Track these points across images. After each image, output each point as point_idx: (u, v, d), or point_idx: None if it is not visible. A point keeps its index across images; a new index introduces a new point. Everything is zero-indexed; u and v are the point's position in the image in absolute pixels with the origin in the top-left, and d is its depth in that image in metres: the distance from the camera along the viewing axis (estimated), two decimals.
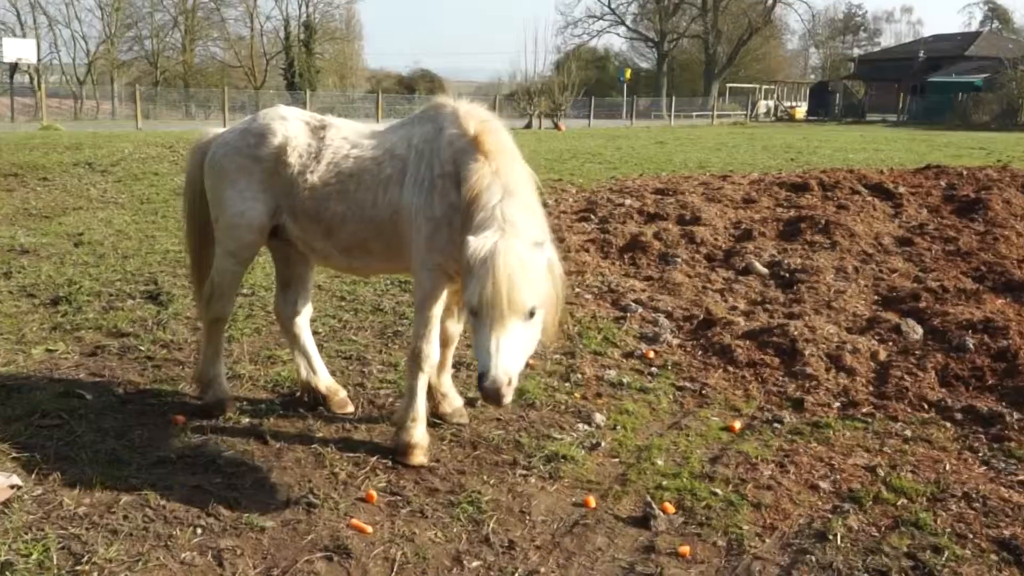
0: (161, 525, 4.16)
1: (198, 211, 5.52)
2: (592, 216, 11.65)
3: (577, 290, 8.46)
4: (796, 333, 6.91)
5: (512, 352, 3.85)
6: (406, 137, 4.89)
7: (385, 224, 4.82)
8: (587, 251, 9.80)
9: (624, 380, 6.30)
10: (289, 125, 5.17)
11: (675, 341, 7.15)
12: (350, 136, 5.12)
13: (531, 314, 3.95)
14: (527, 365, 5.58)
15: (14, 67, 40.81)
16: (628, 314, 7.71)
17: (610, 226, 10.78)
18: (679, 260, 9.45)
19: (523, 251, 3.98)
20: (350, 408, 5.66)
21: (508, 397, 3.78)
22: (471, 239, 4.08)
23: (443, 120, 4.76)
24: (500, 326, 3.88)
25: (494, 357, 3.80)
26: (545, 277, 4.08)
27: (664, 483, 4.80)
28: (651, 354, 6.83)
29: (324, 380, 5.69)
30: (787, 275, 8.83)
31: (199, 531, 4.13)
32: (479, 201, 4.31)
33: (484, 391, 3.78)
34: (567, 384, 6.23)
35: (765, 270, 9.05)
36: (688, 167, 19.04)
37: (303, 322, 5.71)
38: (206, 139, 5.54)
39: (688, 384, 6.30)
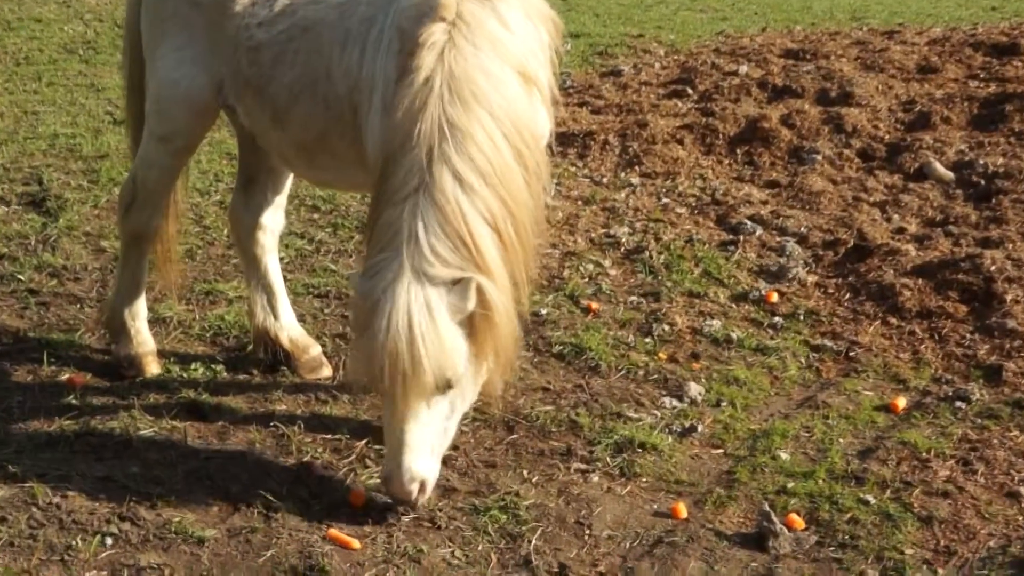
0: (55, 532, 4.27)
1: (142, 68, 5.54)
2: (689, 91, 11.52)
3: (665, 200, 8.45)
4: (994, 269, 6.86)
5: (423, 446, 4.28)
6: None
7: (344, 108, 4.78)
8: (680, 143, 9.73)
9: (733, 335, 6.32)
10: None
11: (811, 278, 7.13)
12: None
13: (448, 385, 4.23)
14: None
15: None
16: (741, 237, 7.69)
17: (716, 106, 10.66)
18: (819, 158, 9.35)
19: (423, 313, 4.06)
20: (326, 371, 5.73)
21: (424, 498, 4.38)
22: (358, 281, 4.30)
23: None
24: (403, 413, 4.20)
25: (398, 456, 4.25)
26: (462, 345, 4.20)
27: (790, 485, 4.83)
28: (774, 297, 6.82)
29: (289, 329, 5.76)
30: (982, 182, 8.70)
31: (109, 541, 4.23)
32: (396, 168, 4.25)
33: (390, 496, 4.43)
34: (648, 340, 6.25)
35: (950, 174, 8.93)
36: (835, 18, 18.72)
37: (269, 241, 5.74)
38: None
39: (829, 342, 6.31)
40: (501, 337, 4.27)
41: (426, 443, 4.27)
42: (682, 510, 4.62)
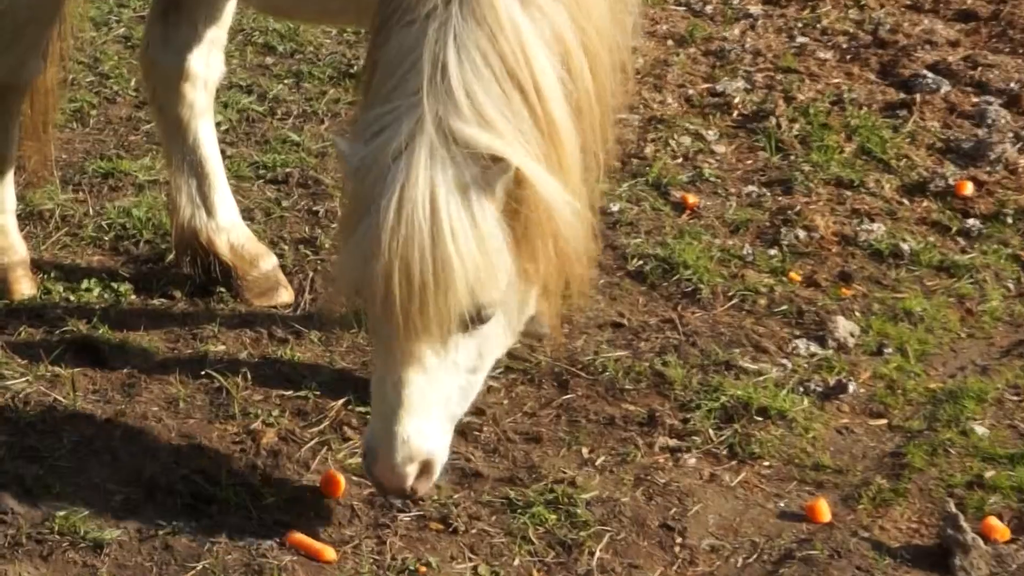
0: None
1: None
2: None
3: (801, 39, 8.37)
4: None
5: (429, 408, 4.10)
6: None
7: None
8: None
9: (904, 246, 6.27)
10: None
11: None
12: None
13: (479, 317, 4.03)
14: None
15: None
16: (917, 97, 7.62)
17: None
18: None
19: (454, 192, 3.85)
20: (285, 296, 5.79)
21: (427, 488, 4.24)
22: (349, 145, 4.07)
23: None
24: (408, 354, 4.01)
25: (389, 421, 4.09)
26: (506, 251, 3.99)
27: (988, 475, 4.80)
28: (968, 188, 6.77)
29: (230, 230, 5.77)
30: None
31: None
32: None
33: (373, 480, 4.30)
34: (773, 252, 6.23)
35: None
36: None
37: (201, 98, 5.72)
38: None
39: None
40: (567, 253, 4.12)
41: (435, 404, 4.12)
42: (823, 510, 4.61)
